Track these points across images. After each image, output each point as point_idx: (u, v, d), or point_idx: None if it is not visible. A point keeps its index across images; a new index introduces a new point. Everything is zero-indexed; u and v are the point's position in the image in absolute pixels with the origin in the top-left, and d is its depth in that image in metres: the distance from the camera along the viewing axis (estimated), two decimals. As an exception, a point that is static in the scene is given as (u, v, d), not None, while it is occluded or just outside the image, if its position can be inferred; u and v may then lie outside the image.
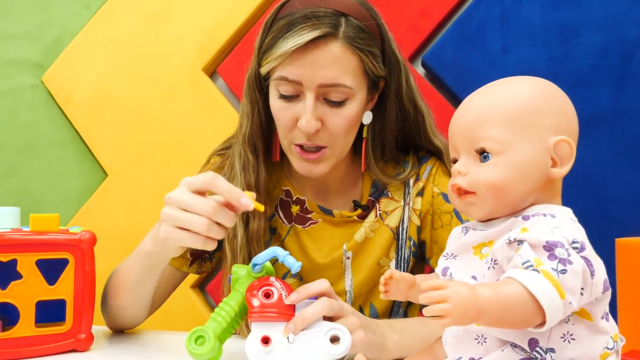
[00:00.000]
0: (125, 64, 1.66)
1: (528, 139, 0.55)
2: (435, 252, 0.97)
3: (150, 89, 1.64)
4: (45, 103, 1.73)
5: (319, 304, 0.73)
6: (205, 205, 0.72)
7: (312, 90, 0.83)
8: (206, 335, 0.72)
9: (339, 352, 0.71)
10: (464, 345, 0.56)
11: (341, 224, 0.97)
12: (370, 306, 0.98)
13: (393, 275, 0.65)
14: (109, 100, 1.67)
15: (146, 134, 1.64)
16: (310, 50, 0.81)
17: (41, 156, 1.74)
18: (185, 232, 0.73)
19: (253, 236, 0.92)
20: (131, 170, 1.66)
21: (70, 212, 1.70)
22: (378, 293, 0.96)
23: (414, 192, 0.97)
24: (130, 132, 1.65)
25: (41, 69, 1.72)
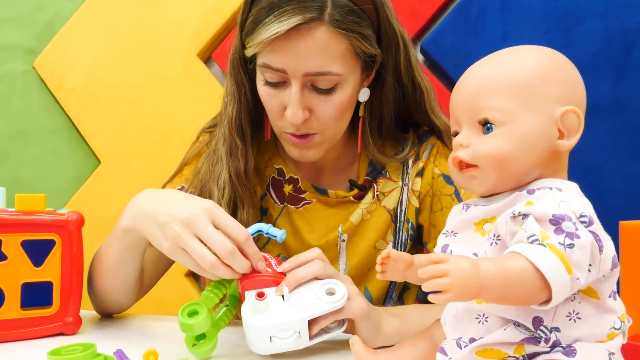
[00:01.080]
0: (119, 49, 1.63)
1: (533, 109, 0.52)
2: (433, 236, 0.94)
3: (144, 75, 1.61)
4: (37, 89, 1.70)
5: (312, 264, 0.71)
6: (222, 247, 0.68)
7: (297, 79, 0.78)
8: (199, 308, 0.70)
9: (335, 300, 0.68)
10: (464, 325, 0.54)
11: (336, 205, 0.94)
12: (365, 290, 0.95)
13: (390, 255, 0.62)
14: (102, 87, 1.64)
15: (140, 121, 1.62)
16: (293, 38, 0.75)
17: (33, 143, 1.72)
18: (191, 258, 0.69)
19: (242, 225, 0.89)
20: (124, 157, 1.63)
21: (62, 200, 1.68)
22: (373, 277, 0.95)
23: (413, 173, 0.94)
24: (124, 119, 1.63)
25: (33, 55, 1.69)
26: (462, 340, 0.54)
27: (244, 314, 0.68)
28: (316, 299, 0.69)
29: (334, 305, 0.69)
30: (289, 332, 0.68)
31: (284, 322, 0.67)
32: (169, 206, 0.72)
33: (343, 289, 0.70)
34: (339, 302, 0.69)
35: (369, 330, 0.73)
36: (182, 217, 0.69)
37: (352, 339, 0.65)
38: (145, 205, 0.75)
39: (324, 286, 0.70)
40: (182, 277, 1.56)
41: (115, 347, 0.75)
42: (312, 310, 0.68)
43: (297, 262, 0.72)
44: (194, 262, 0.69)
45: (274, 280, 0.71)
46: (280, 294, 0.69)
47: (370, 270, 0.94)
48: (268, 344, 0.68)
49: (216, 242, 0.68)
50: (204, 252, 0.68)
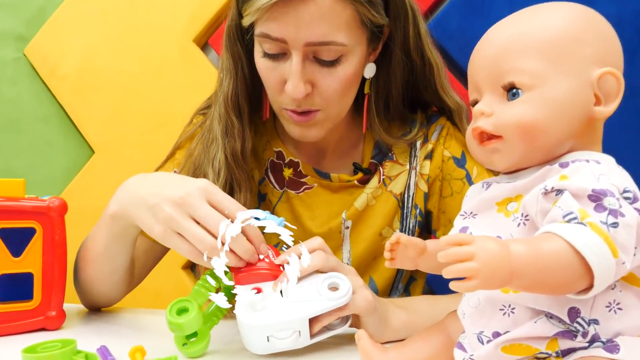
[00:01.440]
0: (112, 35, 1.56)
1: (566, 71, 0.45)
2: (443, 223, 0.87)
3: (138, 61, 1.54)
4: (28, 77, 1.63)
5: (313, 256, 0.64)
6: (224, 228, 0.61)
7: (298, 49, 0.71)
8: (190, 305, 0.63)
9: (339, 296, 0.62)
10: (486, 317, 0.47)
11: (339, 190, 0.87)
12: (370, 280, 0.88)
13: (400, 240, 0.55)
14: (95, 74, 1.56)
15: (135, 109, 1.54)
16: (294, 4, 0.68)
17: (25, 133, 1.65)
18: (187, 243, 0.62)
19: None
20: (119, 146, 1.56)
21: (55, 191, 1.61)
22: (378, 266, 0.87)
23: (421, 155, 0.87)
24: (118, 107, 1.55)
25: (23, 41, 1.62)
26: (484, 334, 0.47)
27: (238, 312, 0.61)
28: (318, 295, 0.62)
29: (337, 302, 0.62)
30: (288, 332, 0.61)
31: (282, 321, 0.60)
32: (160, 187, 0.65)
33: (347, 284, 0.63)
34: (343, 298, 0.62)
35: (375, 325, 0.67)
36: (174, 197, 0.62)
37: (357, 334, 0.58)
38: (135, 189, 0.69)
39: (327, 280, 0.63)
40: (179, 269, 1.49)
41: (101, 343, 0.68)
42: (313, 308, 0.61)
43: (297, 254, 0.65)
44: (190, 247, 0.62)
45: (271, 274, 0.64)
46: (278, 289, 0.63)
47: (376, 259, 0.87)
48: (265, 343, 0.61)
49: (215, 222, 0.61)
50: (201, 234, 0.61)
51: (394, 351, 0.57)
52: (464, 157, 0.86)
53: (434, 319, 0.69)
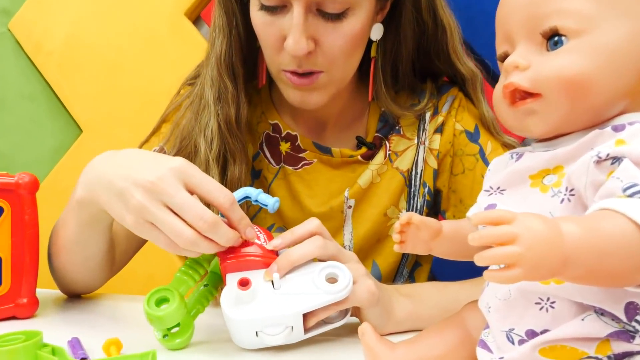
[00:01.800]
0: (100, 8, 1.47)
1: (622, 13, 0.36)
2: (453, 203, 0.78)
3: (127, 36, 1.46)
4: (13, 53, 1.55)
5: (310, 242, 0.56)
6: (200, 218, 0.51)
7: (300, 0, 0.63)
8: (170, 295, 0.54)
9: (337, 290, 0.53)
10: (518, 311, 0.38)
11: (341, 166, 0.78)
12: (373, 265, 0.79)
13: (412, 220, 0.47)
14: (83, 49, 1.48)
15: (124, 86, 1.46)
16: None
17: (10, 112, 1.57)
18: (162, 234, 0.53)
19: (233, 184, 0.72)
20: (108, 125, 1.48)
21: (43, 172, 1.53)
22: (383, 250, 0.78)
23: (431, 129, 0.78)
24: (107, 84, 1.47)
25: (7, 16, 1.53)
26: (516, 332, 0.38)
27: (223, 304, 0.53)
28: (314, 288, 0.54)
29: (335, 297, 0.54)
30: (279, 328, 0.53)
31: (272, 316, 0.52)
32: (129, 169, 0.55)
33: (347, 276, 0.55)
34: (342, 292, 0.54)
35: (377, 317, 0.59)
36: (145, 181, 0.53)
37: (361, 328, 0.50)
38: (102, 169, 0.59)
39: (324, 271, 0.55)
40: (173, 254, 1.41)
41: (76, 333, 0.60)
42: (308, 302, 0.53)
43: (292, 238, 0.57)
44: (166, 240, 0.53)
45: (262, 262, 0.55)
46: (269, 279, 0.54)
47: (380, 242, 0.79)
48: (253, 338, 0.54)
49: (192, 212, 0.52)
50: (177, 226, 0.52)
51: (403, 348, 0.49)
52: (477, 131, 0.77)
53: (442, 309, 0.62)
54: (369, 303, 0.56)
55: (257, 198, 0.60)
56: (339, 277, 0.54)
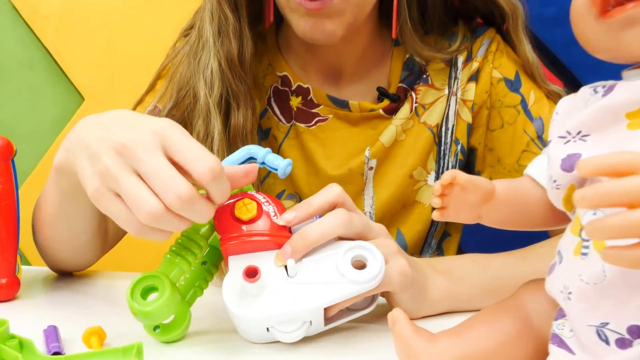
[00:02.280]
0: (97, -34, 1.37)
1: None
2: (489, 163, 0.67)
3: (126, -5, 1.36)
4: (9, 19, 1.46)
5: (331, 216, 0.45)
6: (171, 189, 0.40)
7: None
8: (159, 284, 0.44)
9: (367, 278, 0.42)
10: (615, 300, 0.27)
11: (360, 122, 0.66)
12: (397, 234, 0.69)
13: (457, 180, 0.36)
14: (81, 12, 1.38)
15: (126, 50, 1.37)
16: None
17: (9, 81, 1.49)
18: (123, 207, 0.42)
19: (237, 133, 0.61)
20: (110, 91, 1.40)
21: (45, 142, 1.46)
22: (408, 216, 0.68)
23: (464, 77, 0.66)
24: (106, 48, 1.38)
25: (2, -22, 1.43)
26: (611, 328, 0.27)
27: (226, 298, 0.42)
28: (338, 276, 0.43)
29: (364, 287, 0.43)
30: (295, 324, 0.43)
31: (287, 312, 0.42)
32: (107, 130, 0.44)
33: (379, 260, 0.43)
34: (373, 281, 0.43)
35: (410, 300, 0.48)
36: (118, 144, 0.42)
37: (392, 315, 0.39)
38: (83, 132, 0.47)
39: (350, 253, 0.43)
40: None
41: (57, 318, 0.50)
42: (330, 294, 0.42)
43: (308, 211, 0.46)
44: (125, 215, 0.41)
45: (272, 242, 0.44)
46: (282, 264, 0.43)
47: (405, 208, 0.68)
48: (264, 333, 0.43)
49: (162, 181, 0.40)
50: (139, 196, 0.40)
51: (445, 340, 0.38)
52: (518, 78, 0.65)
53: (483, 287, 0.52)
54: (402, 286, 0.46)
55: (264, 159, 0.48)
56: (368, 261, 0.43)
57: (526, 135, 0.64)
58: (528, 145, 0.64)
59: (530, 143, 0.64)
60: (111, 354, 0.41)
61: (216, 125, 0.60)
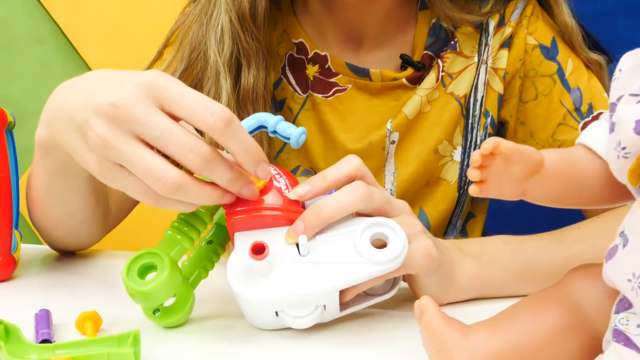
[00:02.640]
0: (106, -64, 1.32)
1: None
2: (522, 137, 0.61)
3: (136, -34, 1.31)
4: (19, -8, 1.42)
5: (348, 189, 0.40)
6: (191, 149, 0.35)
7: None
8: (158, 262, 0.39)
9: (388, 258, 0.37)
10: None
11: (382, 92, 0.61)
12: (420, 213, 0.63)
13: (500, 148, 0.30)
14: (90, -17, 1.33)
15: (136, 23, 1.33)
16: None
17: (19, 56, 1.47)
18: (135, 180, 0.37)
19: (246, 95, 0.56)
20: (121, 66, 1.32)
21: None
22: (432, 194, 0.63)
23: (495, 43, 0.60)
24: (117, 22, 1.34)
25: (9, -50, 1.39)
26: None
27: (231, 278, 0.38)
28: (355, 255, 0.37)
29: (384, 268, 0.37)
30: (308, 308, 0.38)
31: (298, 294, 0.37)
32: (89, 93, 0.38)
33: (401, 238, 0.38)
34: (394, 261, 0.37)
35: (436, 285, 0.43)
36: (106, 105, 0.36)
37: (420, 304, 0.34)
38: (61, 100, 0.42)
39: (369, 230, 0.38)
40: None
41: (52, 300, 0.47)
42: (347, 275, 0.37)
43: (323, 185, 0.41)
44: (140, 187, 0.37)
45: (283, 217, 0.39)
46: (293, 242, 0.38)
47: (429, 186, 0.63)
48: (273, 319, 0.39)
49: (174, 139, 0.35)
50: (154, 165, 0.35)
51: (481, 333, 0.33)
52: (555, 45, 0.59)
53: (516, 272, 0.47)
54: (427, 270, 0.41)
55: (275, 128, 0.42)
56: (389, 239, 0.38)
57: (563, 107, 0.59)
58: (564, 118, 0.59)
59: (567, 116, 0.59)
60: (104, 343, 0.37)
61: (224, 86, 0.56)
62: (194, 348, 0.39)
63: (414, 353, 0.37)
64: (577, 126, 0.58)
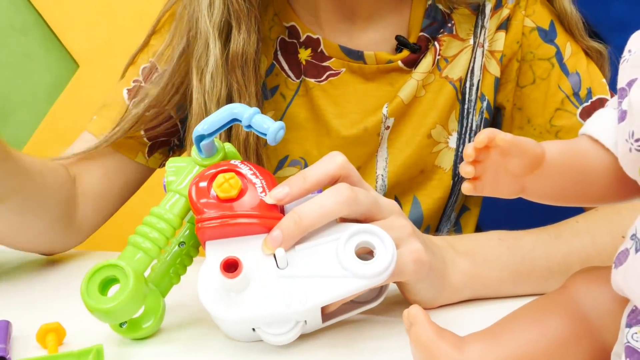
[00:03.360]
0: None
1: None
2: (518, 124, 0.58)
3: (119, -48, 1.27)
4: (0, -19, 1.38)
5: (331, 192, 0.36)
6: None
7: None
8: (121, 275, 0.35)
9: (375, 272, 0.33)
10: None
11: (376, 76, 0.57)
12: (414, 201, 0.60)
13: (497, 141, 0.26)
14: (72, -30, 1.29)
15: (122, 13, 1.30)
16: None
17: (2, 46, 1.43)
18: None
19: (236, 61, 0.53)
20: (105, 57, 1.32)
21: (41, 111, 1.40)
22: (426, 183, 0.60)
23: (492, 26, 0.56)
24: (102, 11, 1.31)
25: (-11, -62, 1.35)
26: None
27: (202, 297, 0.34)
28: (339, 268, 0.34)
29: (370, 282, 0.34)
30: (286, 326, 0.34)
31: (275, 312, 0.33)
32: None
33: (389, 248, 0.34)
34: (381, 275, 0.34)
35: (427, 289, 0.40)
36: None
37: (409, 314, 0.30)
38: None
39: (354, 239, 0.35)
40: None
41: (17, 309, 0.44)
42: (329, 291, 0.34)
43: (303, 187, 0.37)
44: None
45: (259, 224, 0.35)
46: (270, 253, 0.34)
47: (424, 174, 0.59)
48: (250, 333, 0.35)
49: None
50: None
51: (476, 344, 0.29)
52: (553, 28, 0.56)
53: (514, 270, 0.43)
54: (417, 276, 0.37)
55: (250, 122, 0.38)
56: (376, 249, 0.34)
57: (561, 91, 0.55)
58: (562, 102, 0.55)
59: (565, 100, 0.55)
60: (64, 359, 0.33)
61: (213, 51, 0.52)
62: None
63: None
64: (576, 111, 0.55)
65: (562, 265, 0.44)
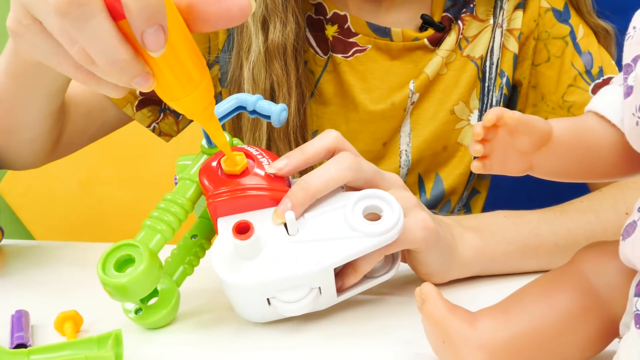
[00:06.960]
0: None
1: None
2: (532, 101, 0.60)
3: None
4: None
5: (335, 161, 0.37)
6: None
7: None
8: (136, 254, 0.35)
9: (383, 230, 0.34)
10: None
11: (403, 53, 0.59)
12: (436, 179, 0.61)
13: (504, 120, 0.27)
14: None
15: None
16: None
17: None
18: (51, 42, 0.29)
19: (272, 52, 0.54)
20: None
21: None
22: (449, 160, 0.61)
23: (510, 7, 0.59)
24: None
25: None
26: None
27: (216, 264, 0.35)
28: (348, 230, 0.35)
29: (380, 240, 0.35)
30: (301, 291, 0.35)
31: (289, 275, 0.34)
32: None
33: (396, 208, 0.35)
34: (391, 232, 0.35)
35: (437, 261, 0.41)
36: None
37: (421, 291, 0.31)
38: None
39: (362, 203, 0.36)
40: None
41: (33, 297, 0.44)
42: (341, 251, 0.34)
43: (302, 158, 0.38)
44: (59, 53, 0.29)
45: (268, 196, 0.36)
46: (280, 222, 0.35)
47: (446, 150, 0.61)
48: (265, 309, 0.36)
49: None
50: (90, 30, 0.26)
51: (488, 320, 0.30)
52: (567, 9, 0.59)
53: (521, 244, 0.44)
54: (426, 243, 0.38)
55: (254, 107, 0.40)
56: (383, 212, 0.35)
57: (573, 68, 0.58)
58: (575, 79, 0.58)
59: (577, 77, 0.58)
60: (82, 345, 0.34)
61: (255, 42, 0.54)
62: (180, 347, 0.37)
63: (414, 343, 0.34)
64: (588, 88, 0.58)
65: (568, 240, 0.45)
